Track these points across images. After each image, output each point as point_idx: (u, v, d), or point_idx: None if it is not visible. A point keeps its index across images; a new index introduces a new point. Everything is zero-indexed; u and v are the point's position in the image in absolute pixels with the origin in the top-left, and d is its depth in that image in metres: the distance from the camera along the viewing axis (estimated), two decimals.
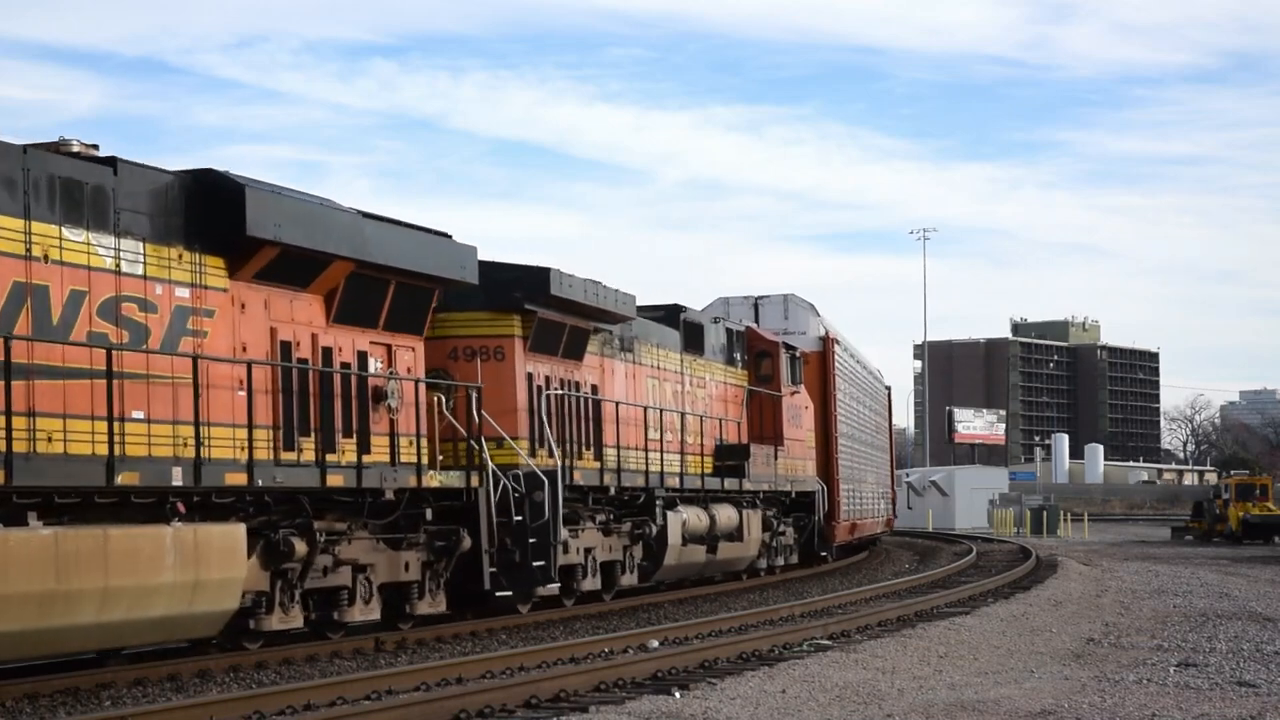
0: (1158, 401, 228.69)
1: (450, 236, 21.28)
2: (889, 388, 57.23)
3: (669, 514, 27.11)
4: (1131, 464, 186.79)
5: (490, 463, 21.51)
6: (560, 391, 24.32)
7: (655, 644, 19.00)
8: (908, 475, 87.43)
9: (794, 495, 35.13)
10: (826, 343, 40.11)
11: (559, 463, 23.15)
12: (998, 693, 14.93)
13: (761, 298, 39.75)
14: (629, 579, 26.30)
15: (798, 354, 36.11)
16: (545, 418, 23.42)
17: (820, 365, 39.54)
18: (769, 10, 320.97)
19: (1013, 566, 37.57)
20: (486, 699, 13.73)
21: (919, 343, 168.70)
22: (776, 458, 33.43)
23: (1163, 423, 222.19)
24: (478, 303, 22.85)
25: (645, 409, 27.35)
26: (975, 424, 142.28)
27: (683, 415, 29.20)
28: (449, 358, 22.84)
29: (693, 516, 28.18)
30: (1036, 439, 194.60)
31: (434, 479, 20.24)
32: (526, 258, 26.53)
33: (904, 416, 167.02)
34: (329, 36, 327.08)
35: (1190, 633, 21.35)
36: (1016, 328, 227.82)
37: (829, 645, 18.94)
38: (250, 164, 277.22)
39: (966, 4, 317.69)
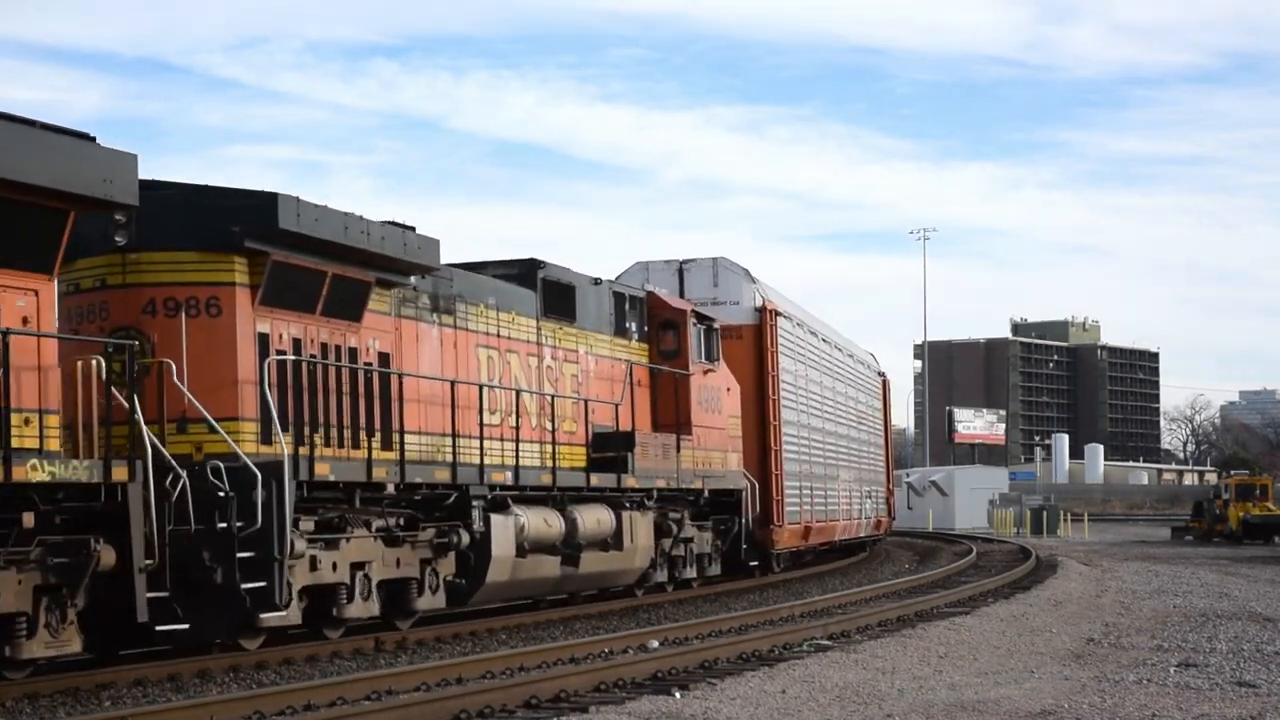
0: (1158, 401, 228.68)
1: (94, 139, 15.56)
2: (883, 375, 51.96)
3: (495, 518, 21.80)
4: (1131, 464, 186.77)
5: (163, 452, 16.50)
6: (312, 358, 18.84)
7: (655, 644, 19.00)
8: (908, 475, 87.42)
9: (708, 494, 29.11)
10: (765, 314, 33.70)
11: (286, 452, 17.52)
12: (998, 693, 14.93)
13: (687, 262, 33.87)
14: (430, 600, 20.76)
15: (715, 325, 29.87)
16: (271, 391, 17.86)
17: (755, 341, 33.60)
18: (770, 10, 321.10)
19: (1013, 566, 37.56)
20: (486, 699, 13.73)
21: (919, 343, 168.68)
22: (679, 448, 27.45)
23: (1163, 423, 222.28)
24: (184, 240, 17.76)
25: (480, 388, 22.20)
26: (975, 424, 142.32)
27: (547, 397, 24.08)
28: (144, 312, 17.71)
29: (536, 521, 22.87)
30: (1036, 439, 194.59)
31: (38, 471, 14.62)
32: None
33: (904, 416, 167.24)
34: (330, 37, 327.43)
35: (1190, 633, 21.35)
36: (1016, 328, 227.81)
37: (829, 645, 18.94)
38: (251, 164, 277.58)
39: (968, 5, 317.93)
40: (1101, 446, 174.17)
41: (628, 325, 27.41)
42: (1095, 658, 18.29)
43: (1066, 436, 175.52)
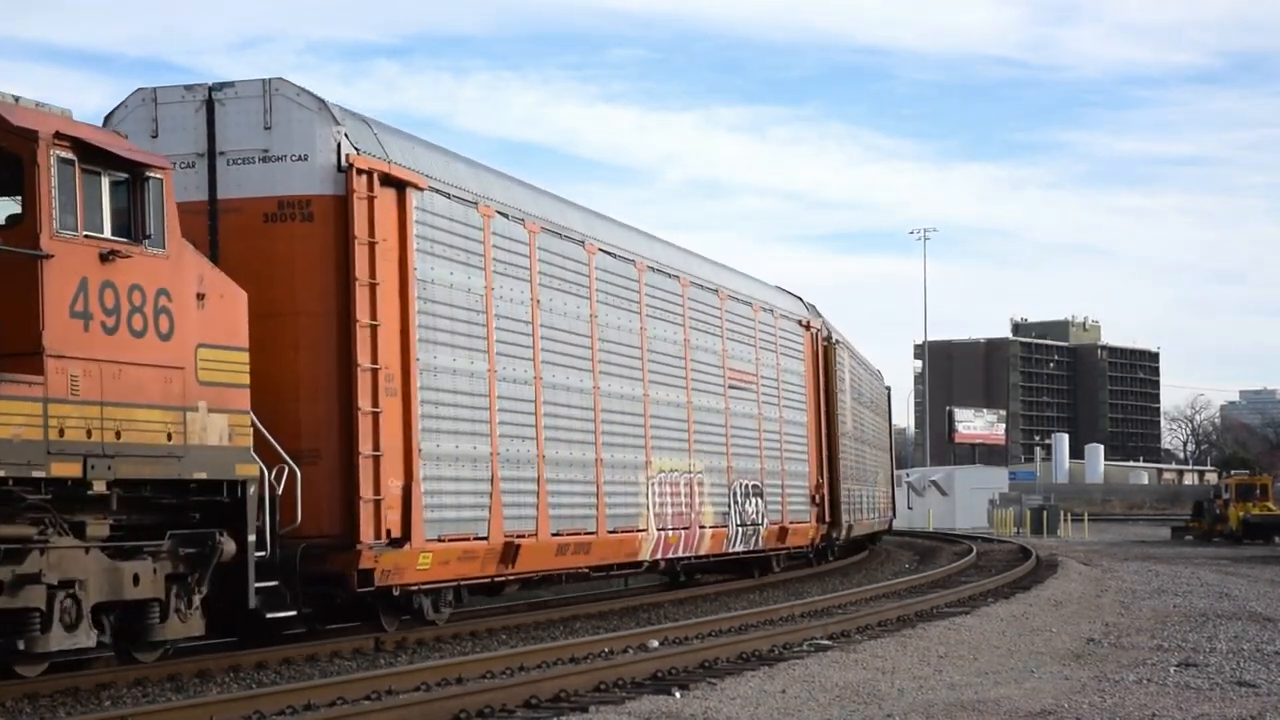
0: (1158, 401, 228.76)
1: None
2: (809, 323, 36.48)
3: None
4: (1131, 464, 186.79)
5: None
6: None
7: (655, 644, 18.99)
8: (908, 475, 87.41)
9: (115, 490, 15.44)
10: (354, 178, 18.94)
11: None
12: (998, 693, 14.92)
13: (221, 88, 19.36)
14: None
15: (148, 173, 15.72)
16: None
17: (339, 218, 18.88)
18: (772, 11, 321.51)
19: (1013, 566, 37.54)
20: (486, 699, 13.72)
21: (919, 343, 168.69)
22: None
23: (1163, 423, 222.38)
24: None
25: None
26: (975, 424, 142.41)
27: None
28: None
29: None
30: (1036, 439, 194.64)
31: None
32: None
33: (904, 416, 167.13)
34: (332, 37, 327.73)
35: (1190, 633, 21.34)
36: (1017, 328, 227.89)
37: (829, 645, 18.93)
38: None
39: (970, 5, 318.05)
40: (1101, 446, 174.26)
41: None
42: (1095, 657, 18.29)
43: (1066, 436, 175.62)
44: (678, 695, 14.46)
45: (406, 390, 19.48)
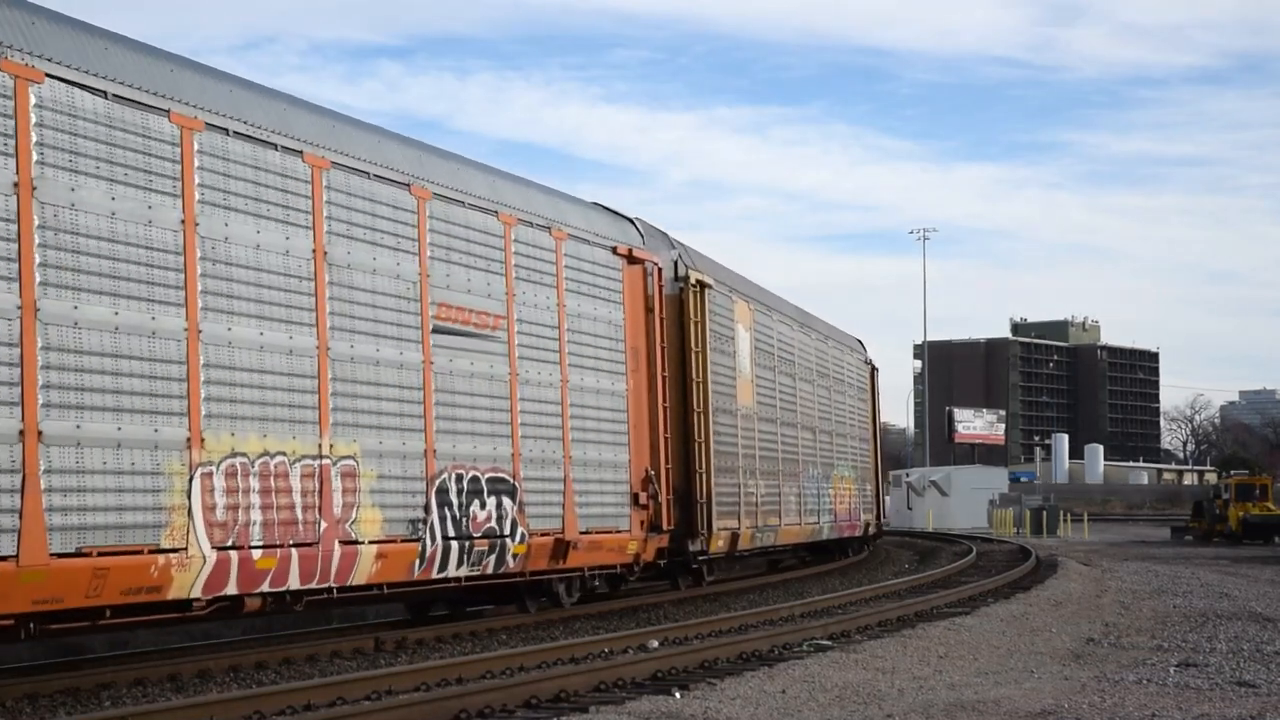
0: (1158, 401, 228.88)
1: None
2: (636, 253, 25.23)
3: None
4: (1131, 464, 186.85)
5: None
6: None
7: (655, 644, 19.00)
8: (908, 475, 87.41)
9: None
10: None
11: None
12: (998, 693, 14.93)
13: None
14: None
15: None
16: None
17: None
18: (775, 12, 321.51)
19: (1013, 566, 37.53)
20: (486, 699, 13.73)
21: (919, 343, 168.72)
22: None
23: (1163, 423, 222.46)
24: None
25: None
26: (975, 424, 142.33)
27: None
28: None
29: None
30: (1036, 439, 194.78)
31: None
32: None
33: (904, 416, 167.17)
34: (336, 38, 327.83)
35: (1190, 633, 21.35)
36: (1016, 328, 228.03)
37: (829, 645, 18.94)
38: None
39: (973, 6, 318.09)
40: (1101, 446, 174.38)
41: None
42: (1095, 658, 18.30)
43: (1066, 436, 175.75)
44: (678, 695, 14.46)
45: None
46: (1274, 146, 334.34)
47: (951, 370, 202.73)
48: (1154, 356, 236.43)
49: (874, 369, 47.52)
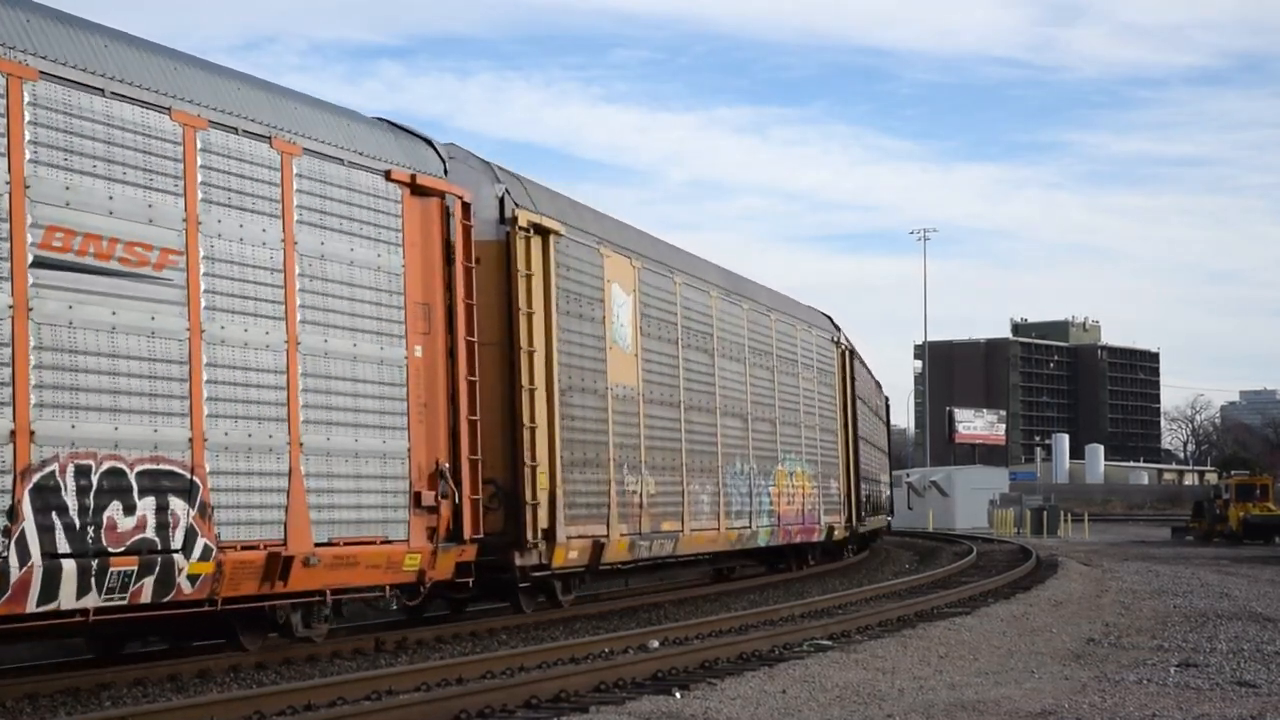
0: (1158, 401, 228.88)
1: None
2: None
3: None
4: (1132, 464, 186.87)
5: None
6: None
7: (655, 644, 18.99)
8: (908, 475, 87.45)
9: None
10: None
11: None
12: (998, 693, 14.92)
13: None
14: None
15: None
16: None
17: None
18: (775, 12, 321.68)
19: (1013, 566, 37.54)
20: (486, 699, 13.72)
21: (919, 343, 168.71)
22: None
23: (1163, 423, 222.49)
24: None
25: None
26: (975, 424, 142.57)
27: None
28: None
29: None
30: (1037, 439, 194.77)
31: None
32: None
33: (904, 416, 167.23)
34: (336, 38, 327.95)
35: (1190, 633, 21.34)
36: (1017, 328, 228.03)
37: (829, 645, 18.93)
38: None
39: (973, 6, 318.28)
40: (1101, 446, 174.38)
41: None
42: (1095, 658, 18.29)
43: (1066, 436, 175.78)
44: (678, 695, 14.45)
45: None
46: (1274, 146, 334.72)
47: (952, 370, 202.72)
48: (1154, 356, 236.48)
49: (848, 350, 41.71)
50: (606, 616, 24.20)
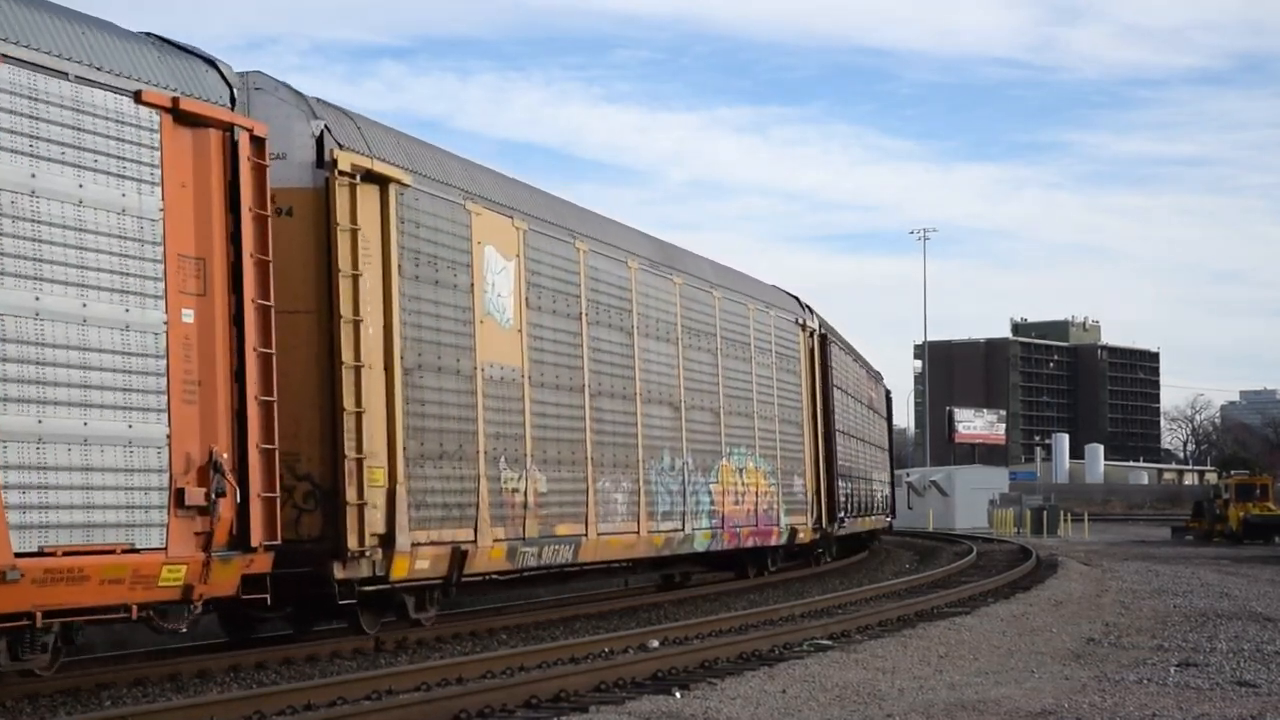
0: (1158, 401, 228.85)
1: None
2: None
3: None
4: (1132, 464, 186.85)
5: None
6: None
7: (655, 644, 18.99)
8: (908, 475, 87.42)
9: None
10: None
11: None
12: (998, 692, 14.92)
13: None
14: None
15: None
16: None
17: None
18: (776, 12, 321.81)
19: (1013, 566, 37.54)
20: (486, 699, 13.72)
21: (919, 343, 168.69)
22: None
23: (1163, 423, 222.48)
24: None
25: None
26: (975, 424, 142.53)
27: None
28: None
29: None
30: (1037, 439, 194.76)
31: None
32: None
33: (904, 416, 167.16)
34: (337, 38, 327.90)
35: (1190, 633, 21.34)
36: (1017, 328, 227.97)
37: (829, 645, 18.93)
38: None
39: (973, 6, 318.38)
40: (1101, 446, 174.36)
41: None
42: (1095, 657, 18.29)
43: (1066, 436, 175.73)
44: (678, 695, 14.45)
45: None
46: (1274, 146, 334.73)
47: (952, 370, 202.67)
48: (1154, 356, 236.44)
49: (819, 334, 37.23)
50: (606, 616, 24.15)
